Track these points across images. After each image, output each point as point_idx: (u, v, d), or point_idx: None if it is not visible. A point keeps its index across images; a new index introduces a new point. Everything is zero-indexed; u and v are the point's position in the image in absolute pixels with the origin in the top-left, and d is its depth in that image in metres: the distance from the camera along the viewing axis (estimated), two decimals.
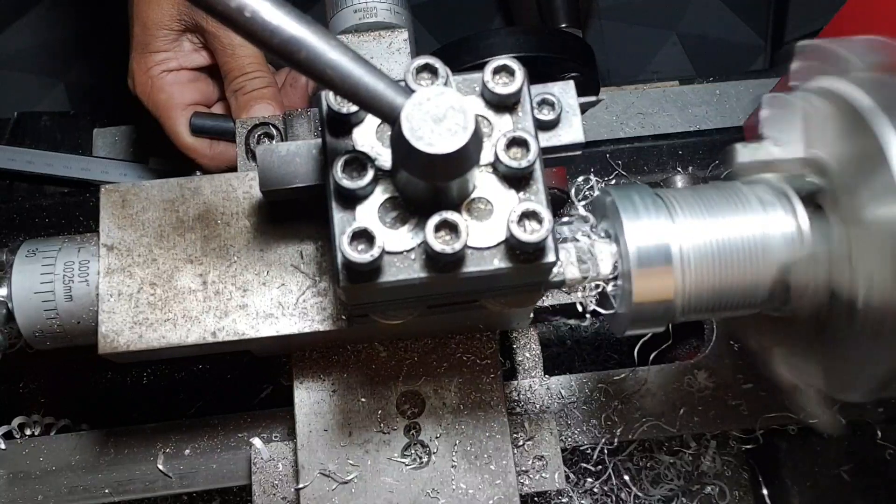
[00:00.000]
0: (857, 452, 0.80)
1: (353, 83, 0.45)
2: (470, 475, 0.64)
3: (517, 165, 0.49)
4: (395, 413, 0.65)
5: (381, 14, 0.80)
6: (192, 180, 0.63)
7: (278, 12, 0.43)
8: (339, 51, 0.44)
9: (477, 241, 0.49)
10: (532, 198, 0.50)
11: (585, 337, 0.98)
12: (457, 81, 0.52)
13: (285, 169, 0.56)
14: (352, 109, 0.51)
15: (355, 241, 0.47)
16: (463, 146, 0.44)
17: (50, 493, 0.74)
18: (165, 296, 0.60)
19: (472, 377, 0.66)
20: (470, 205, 0.50)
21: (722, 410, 0.77)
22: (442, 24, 1.32)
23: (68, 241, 0.64)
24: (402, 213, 0.50)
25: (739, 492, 0.84)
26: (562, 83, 0.56)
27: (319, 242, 0.62)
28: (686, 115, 1.13)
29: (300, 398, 0.65)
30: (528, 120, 0.52)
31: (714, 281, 0.57)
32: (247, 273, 0.61)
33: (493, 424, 0.65)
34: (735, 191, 0.59)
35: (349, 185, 0.49)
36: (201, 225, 0.62)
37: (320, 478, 0.64)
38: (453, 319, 0.64)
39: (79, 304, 0.62)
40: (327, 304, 0.61)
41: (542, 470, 0.68)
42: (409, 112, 0.44)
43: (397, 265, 0.49)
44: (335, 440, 0.64)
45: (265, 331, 0.60)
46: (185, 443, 0.76)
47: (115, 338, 0.59)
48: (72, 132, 1.14)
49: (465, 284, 0.51)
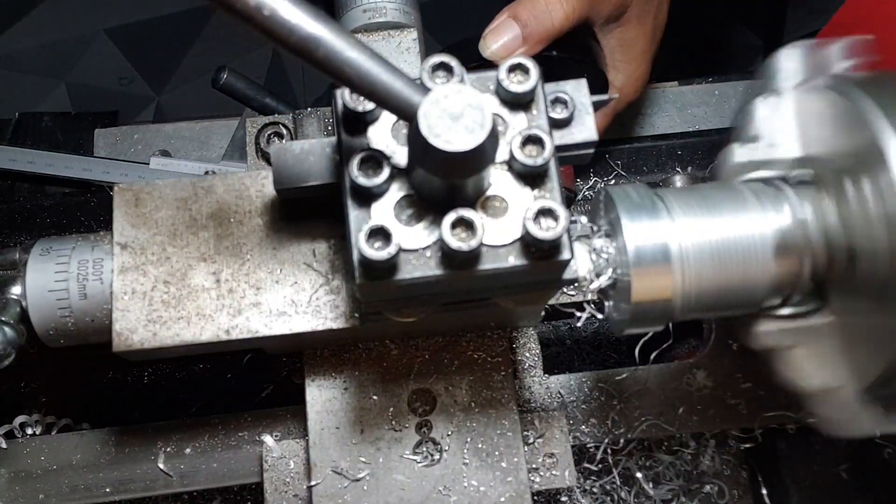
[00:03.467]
0: (855, 451, 0.80)
1: (371, 81, 0.45)
2: (481, 472, 0.64)
3: (532, 163, 0.50)
4: (407, 411, 0.65)
5: (390, 14, 0.80)
6: (205, 179, 0.63)
7: (296, 10, 0.43)
8: (357, 49, 0.44)
9: (492, 239, 0.49)
10: (547, 195, 0.51)
11: (585, 336, 0.98)
12: (471, 80, 0.52)
13: (299, 167, 0.56)
14: (367, 107, 0.52)
15: (372, 239, 0.48)
16: (480, 144, 0.44)
17: (51, 492, 0.74)
18: (179, 294, 0.60)
19: (483, 375, 0.67)
20: (485, 202, 0.51)
21: (721, 410, 0.77)
22: (442, 24, 1.33)
23: (82, 239, 0.64)
24: (418, 211, 0.50)
25: (738, 491, 0.84)
26: (574, 81, 0.56)
27: (332, 241, 0.62)
28: (685, 116, 1.13)
29: (312, 396, 0.66)
30: (543, 118, 0.52)
31: (713, 280, 0.57)
32: (260, 271, 0.61)
33: (504, 422, 0.65)
34: (733, 190, 0.59)
35: (365, 182, 0.49)
36: (214, 223, 0.62)
37: (332, 475, 0.64)
38: (465, 317, 0.64)
39: (93, 302, 0.62)
40: (340, 301, 0.61)
41: (553, 467, 0.68)
42: (427, 109, 0.44)
43: (413, 262, 0.49)
44: (347, 438, 0.65)
45: (278, 329, 0.60)
46: (186, 442, 0.76)
47: (130, 335, 0.59)
48: (73, 132, 1.13)
49: (481, 282, 0.52)
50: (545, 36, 0.81)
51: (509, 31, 0.80)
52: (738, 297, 0.58)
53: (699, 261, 0.56)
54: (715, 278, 0.57)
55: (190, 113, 1.19)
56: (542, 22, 0.80)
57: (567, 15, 0.81)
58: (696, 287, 0.57)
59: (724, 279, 0.57)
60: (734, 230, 0.57)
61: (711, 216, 0.57)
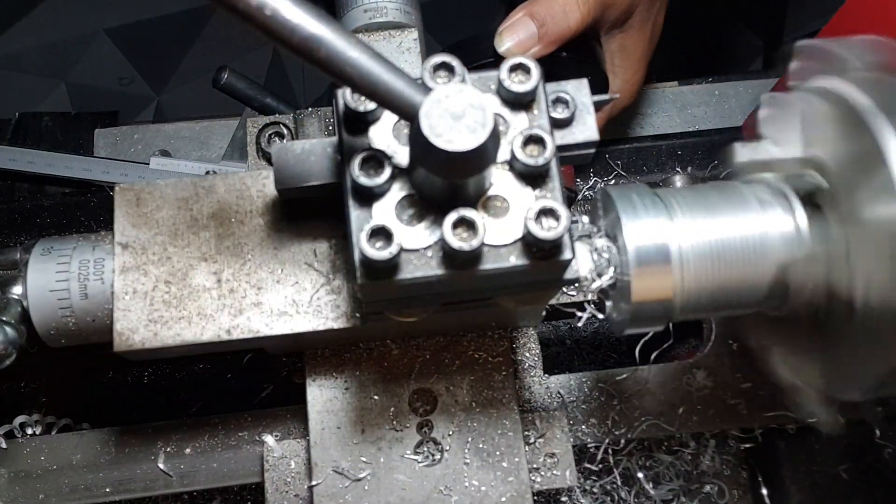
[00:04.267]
0: (855, 451, 0.81)
1: (373, 81, 0.45)
2: (482, 472, 0.64)
3: (534, 163, 0.50)
4: (408, 410, 0.65)
5: (391, 13, 0.80)
6: (206, 179, 0.63)
7: (298, 10, 0.43)
8: (358, 49, 0.44)
9: (493, 239, 0.49)
10: (548, 195, 0.51)
11: (585, 336, 0.98)
12: (472, 80, 0.52)
13: (300, 167, 0.56)
14: (368, 107, 0.51)
15: (373, 239, 0.48)
16: (482, 144, 0.44)
17: (51, 492, 0.74)
18: (180, 294, 0.60)
19: (484, 375, 0.67)
20: (486, 202, 0.51)
21: (721, 409, 0.77)
22: (442, 24, 1.33)
23: (83, 239, 0.64)
24: (419, 211, 0.50)
25: (738, 491, 0.84)
26: (575, 81, 0.56)
27: (333, 240, 0.62)
28: (685, 116, 1.14)
29: (313, 396, 0.66)
30: (544, 118, 0.52)
31: (713, 280, 0.57)
32: (261, 271, 0.61)
33: (505, 422, 0.65)
34: (734, 190, 0.59)
35: (366, 182, 0.49)
36: (215, 223, 0.62)
37: (333, 475, 0.64)
38: (466, 317, 0.64)
39: (94, 302, 0.62)
40: (341, 301, 0.61)
41: (554, 467, 0.68)
42: (428, 109, 0.44)
43: (415, 262, 0.49)
44: (348, 438, 0.65)
45: (279, 328, 0.60)
46: (186, 442, 0.76)
47: (131, 335, 0.59)
48: (73, 132, 1.14)
49: (482, 281, 0.52)
50: (560, 37, 0.81)
51: (525, 28, 0.80)
52: (738, 296, 0.58)
53: (699, 261, 0.56)
54: (715, 278, 0.57)
55: (190, 113, 1.19)
56: (559, 22, 0.81)
57: (583, 17, 0.81)
58: (696, 287, 0.57)
59: (724, 279, 0.57)
60: (734, 230, 0.57)
61: (711, 216, 0.57)
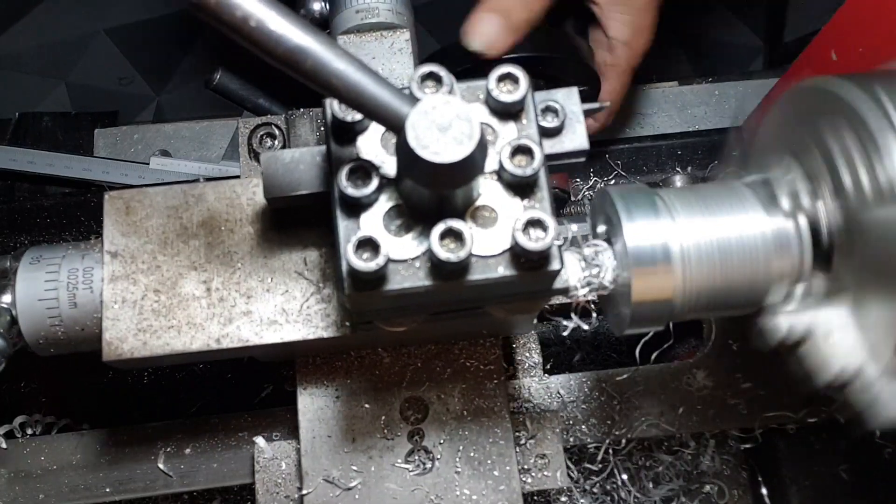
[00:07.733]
0: (855, 451, 0.81)
1: (359, 92, 0.45)
2: (473, 481, 0.64)
3: (522, 173, 0.49)
4: (399, 419, 0.65)
5: (382, 14, 0.79)
6: (196, 187, 0.63)
7: (284, 22, 0.42)
8: (344, 60, 0.44)
9: (482, 249, 0.49)
10: (537, 205, 0.50)
11: (585, 336, 0.98)
12: (461, 89, 0.52)
13: (289, 176, 0.56)
14: (356, 117, 0.51)
15: (360, 250, 0.47)
16: (468, 155, 0.44)
17: (51, 492, 0.75)
18: (169, 303, 0.60)
19: (475, 383, 0.66)
20: (475, 212, 0.50)
21: (721, 410, 0.78)
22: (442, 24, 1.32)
23: (72, 247, 0.64)
24: (407, 221, 0.50)
25: (738, 491, 0.85)
26: (565, 90, 0.56)
27: (323, 249, 0.62)
28: (685, 116, 1.14)
29: (304, 404, 0.65)
30: (533, 128, 0.52)
31: (713, 279, 0.57)
32: (251, 280, 0.61)
33: (496, 430, 0.65)
34: (734, 190, 0.59)
35: (354, 193, 0.49)
36: (205, 231, 0.62)
37: (324, 484, 0.64)
38: (457, 326, 0.64)
39: (83, 311, 0.62)
40: (331, 310, 0.61)
41: (545, 468, 0.68)
42: (415, 121, 0.44)
43: (402, 273, 0.49)
44: (339, 446, 0.65)
45: (269, 338, 0.60)
46: (186, 442, 0.76)
47: (120, 345, 0.59)
48: (73, 132, 1.14)
49: (470, 292, 0.51)
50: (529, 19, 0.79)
51: (489, 23, 0.78)
52: (738, 296, 0.58)
53: (699, 260, 0.56)
54: (715, 278, 0.57)
55: (190, 113, 1.19)
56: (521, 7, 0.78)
57: None
58: (696, 287, 0.57)
59: (725, 278, 0.57)
60: (734, 230, 0.57)
61: (711, 216, 0.57)
